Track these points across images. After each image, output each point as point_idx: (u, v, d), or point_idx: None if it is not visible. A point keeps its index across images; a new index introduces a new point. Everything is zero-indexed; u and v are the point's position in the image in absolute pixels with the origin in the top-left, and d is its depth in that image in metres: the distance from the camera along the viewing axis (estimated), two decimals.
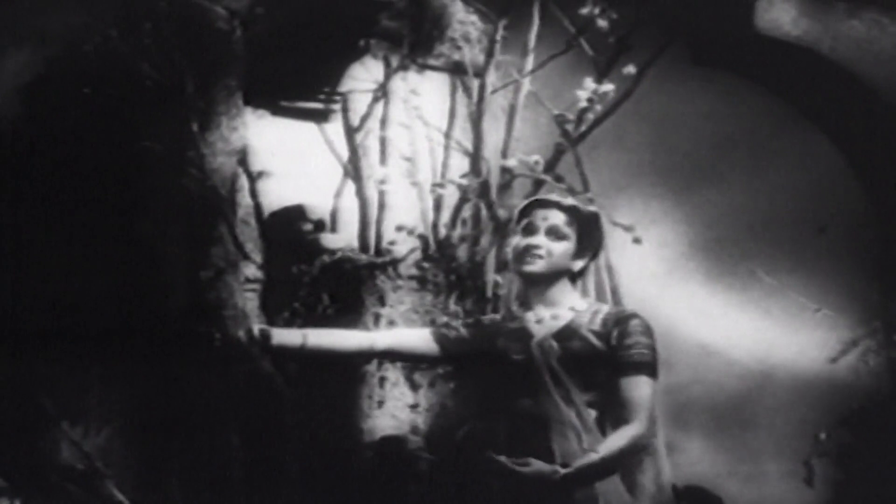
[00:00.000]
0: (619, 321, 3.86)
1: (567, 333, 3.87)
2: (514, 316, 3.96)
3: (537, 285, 3.93)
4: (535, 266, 3.90)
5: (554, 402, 3.81)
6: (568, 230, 3.94)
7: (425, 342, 4.02)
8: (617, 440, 3.77)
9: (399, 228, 5.15)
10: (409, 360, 4.58)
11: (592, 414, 3.81)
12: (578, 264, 3.95)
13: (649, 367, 3.82)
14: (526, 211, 3.97)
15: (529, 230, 3.92)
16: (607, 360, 3.84)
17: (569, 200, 4.00)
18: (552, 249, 3.90)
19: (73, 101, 4.61)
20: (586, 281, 3.99)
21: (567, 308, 3.92)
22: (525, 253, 3.90)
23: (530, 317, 3.93)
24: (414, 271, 5.14)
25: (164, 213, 4.71)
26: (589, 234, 3.96)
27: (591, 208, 4.02)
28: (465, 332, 3.99)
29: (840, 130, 5.84)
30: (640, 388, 3.79)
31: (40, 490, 4.49)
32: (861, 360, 5.69)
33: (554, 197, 4.02)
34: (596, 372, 3.84)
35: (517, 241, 3.93)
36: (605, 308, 3.93)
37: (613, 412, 3.82)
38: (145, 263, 4.68)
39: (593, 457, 3.74)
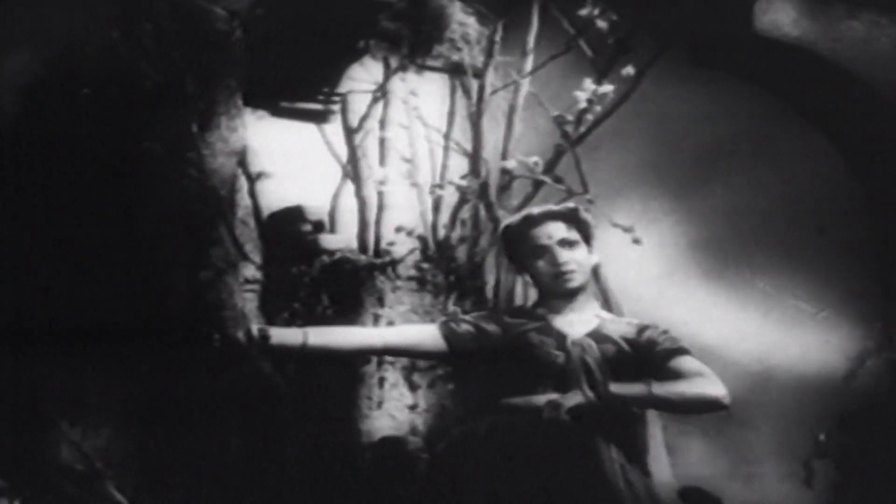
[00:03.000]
0: (641, 331, 3.99)
1: (600, 336, 3.92)
2: (538, 316, 3.98)
3: (569, 293, 3.97)
4: (576, 281, 3.96)
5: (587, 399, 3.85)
6: (572, 234, 3.98)
7: (432, 338, 4.01)
8: (689, 386, 3.87)
9: (398, 229, 5.15)
10: (414, 357, 4.57)
11: None
12: (594, 258, 4.01)
13: (685, 349, 3.97)
14: (520, 236, 3.99)
15: (541, 251, 3.95)
16: (635, 366, 3.90)
17: (551, 207, 4.05)
18: (577, 258, 3.96)
19: (73, 101, 4.61)
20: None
21: (593, 314, 3.97)
22: (560, 274, 3.94)
23: (557, 318, 3.95)
24: (413, 272, 5.14)
25: (164, 214, 4.70)
26: (584, 228, 4.00)
27: (569, 205, 4.07)
28: (485, 325, 3.98)
29: (840, 130, 5.84)
30: (693, 362, 3.94)
31: (40, 490, 4.49)
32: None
33: (536, 210, 4.05)
34: (624, 376, 3.88)
35: (539, 265, 3.95)
36: (626, 318, 4.02)
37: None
38: (145, 264, 4.67)
39: (638, 389, 3.79)
